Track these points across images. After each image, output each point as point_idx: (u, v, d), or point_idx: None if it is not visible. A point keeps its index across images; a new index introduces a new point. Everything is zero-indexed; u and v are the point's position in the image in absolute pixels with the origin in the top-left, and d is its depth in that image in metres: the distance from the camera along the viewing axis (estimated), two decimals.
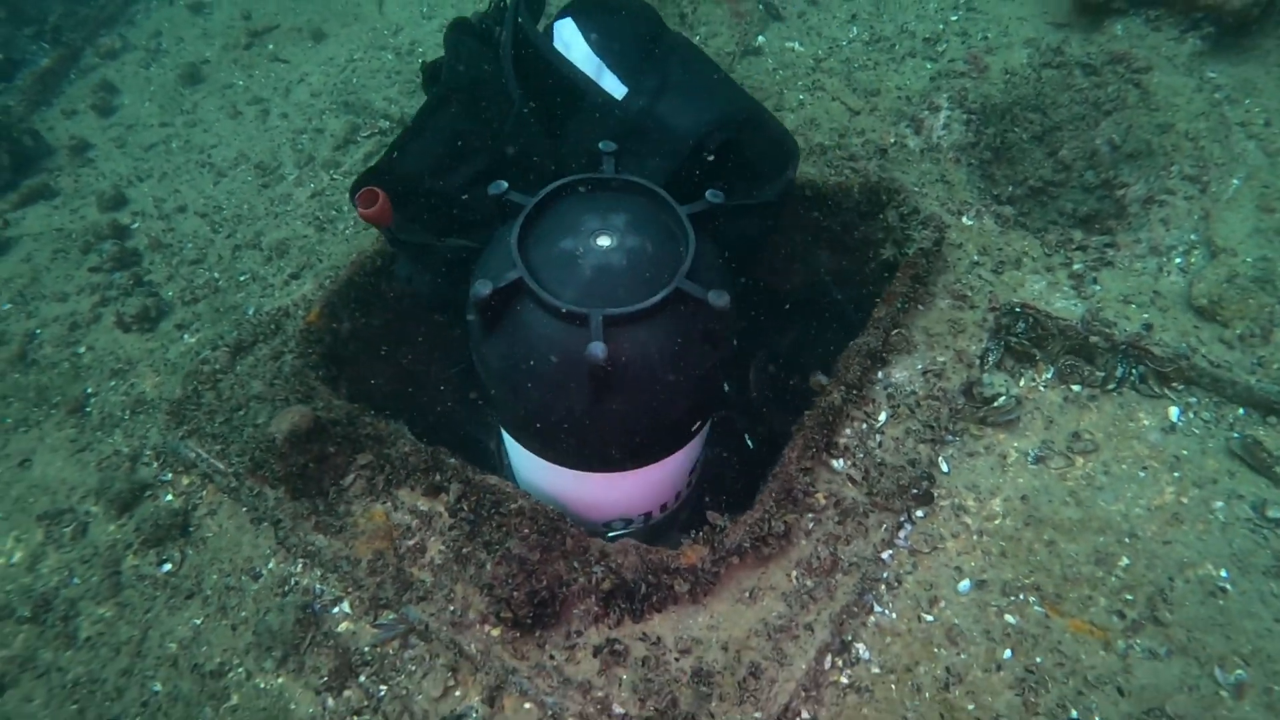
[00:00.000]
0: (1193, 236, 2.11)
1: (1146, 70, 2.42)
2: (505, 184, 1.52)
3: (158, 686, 1.69)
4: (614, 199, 1.51)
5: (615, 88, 1.79)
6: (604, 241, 1.44)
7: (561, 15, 1.89)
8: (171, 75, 3.59)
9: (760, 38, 2.92)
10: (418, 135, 1.80)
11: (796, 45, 2.87)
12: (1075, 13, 2.69)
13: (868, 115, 2.56)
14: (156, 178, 3.06)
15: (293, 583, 1.80)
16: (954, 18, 2.83)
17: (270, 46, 3.70)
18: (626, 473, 1.69)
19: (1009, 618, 1.61)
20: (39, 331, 2.49)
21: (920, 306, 2.00)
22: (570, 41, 1.82)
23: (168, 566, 1.88)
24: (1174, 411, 1.86)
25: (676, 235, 1.50)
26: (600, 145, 1.57)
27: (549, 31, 1.87)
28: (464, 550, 1.70)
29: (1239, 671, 1.51)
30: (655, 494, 1.86)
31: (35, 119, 3.42)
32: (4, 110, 3.32)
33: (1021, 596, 1.63)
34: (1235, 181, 2.20)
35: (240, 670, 1.69)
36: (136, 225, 2.85)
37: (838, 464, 1.75)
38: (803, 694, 1.51)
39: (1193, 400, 1.87)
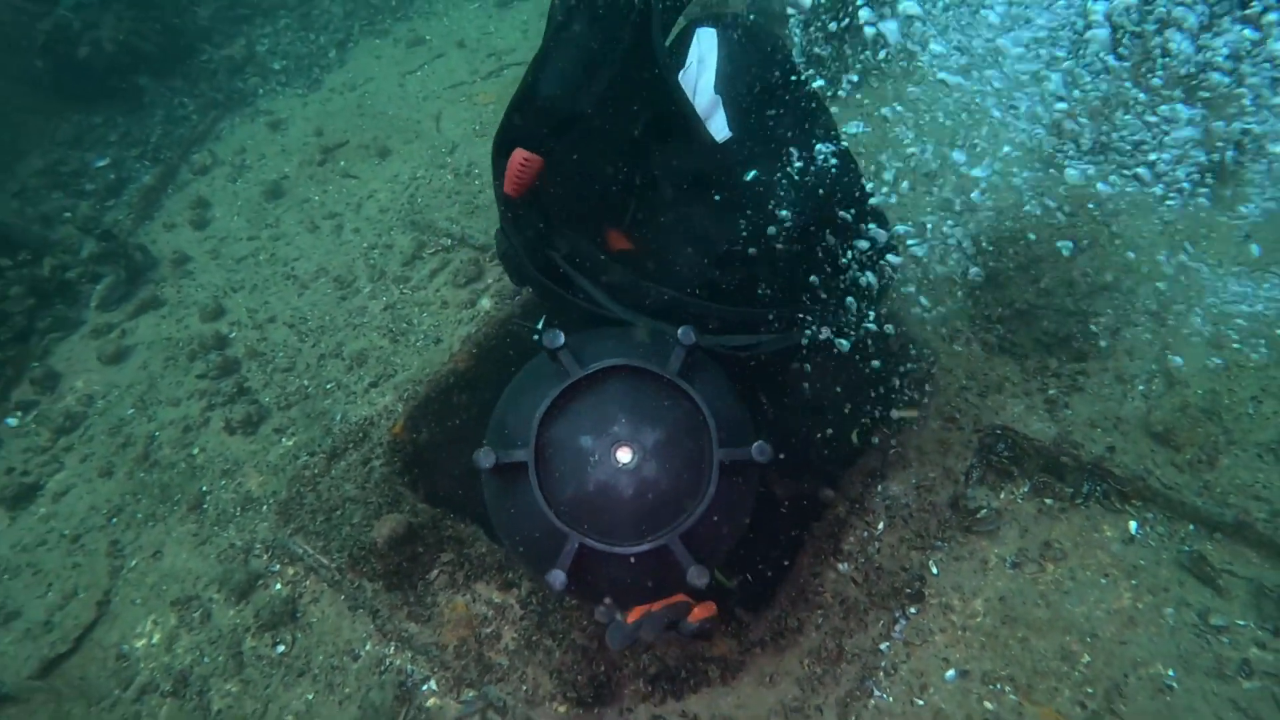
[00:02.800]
0: (1153, 367, 2.51)
1: (1115, 214, 2.86)
2: (562, 337, 1.49)
3: None
4: (661, 394, 1.48)
5: (720, 128, 1.72)
6: (623, 457, 1.40)
7: (705, 23, 1.84)
8: (256, 190, 4.17)
9: None
10: (547, 60, 1.68)
11: None
12: (1060, 156, 3.14)
13: None
14: (248, 289, 3.59)
15: (387, 663, 2.22)
16: (950, 154, 3.29)
17: (341, 163, 4.27)
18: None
19: (987, 704, 1.97)
20: (158, 434, 2.97)
21: (915, 427, 2.41)
22: (705, 56, 1.76)
23: (281, 648, 2.31)
24: (1133, 525, 2.23)
25: (703, 464, 1.44)
26: (679, 332, 1.49)
27: (685, 33, 1.81)
28: (534, 638, 2.11)
29: None
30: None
31: (141, 232, 4.00)
32: (116, 230, 3.89)
33: (998, 685, 2.00)
34: (1195, 319, 2.60)
35: None
36: (234, 335, 3.36)
37: (843, 567, 2.15)
38: None
39: (1149, 516, 2.25)
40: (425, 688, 2.16)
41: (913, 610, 2.13)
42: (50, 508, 2.76)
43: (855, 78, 3.70)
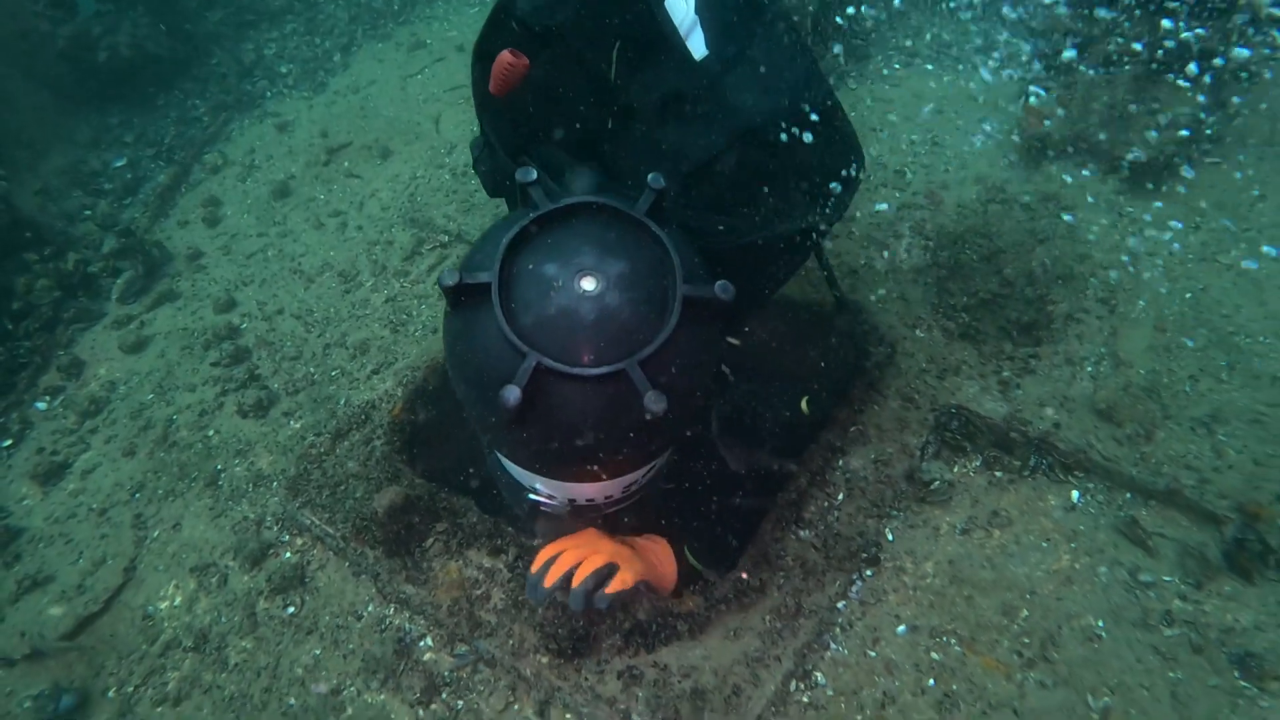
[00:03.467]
0: (1101, 350, 2.69)
1: (1072, 208, 3.04)
2: (535, 173, 1.46)
3: (292, 701, 2.31)
4: (628, 234, 1.46)
5: (698, 47, 1.72)
6: (586, 285, 1.38)
7: None
8: (265, 189, 4.39)
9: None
10: None
11: None
12: (1021, 152, 3.32)
13: (845, 239, 3.19)
14: (258, 283, 3.80)
15: (387, 622, 2.43)
16: (921, 153, 3.48)
17: (345, 163, 4.49)
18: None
19: (934, 654, 2.16)
20: (175, 417, 3.19)
21: (875, 406, 2.60)
22: None
23: (291, 610, 2.52)
24: (1075, 495, 2.42)
25: (666, 299, 1.43)
26: (650, 177, 1.46)
27: None
28: (520, 598, 2.31)
29: (1106, 699, 2.04)
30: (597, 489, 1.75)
31: (157, 229, 4.22)
32: (134, 227, 4.12)
33: (944, 639, 2.19)
34: (1141, 303, 2.78)
35: (352, 689, 2.30)
36: (245, 326, 3.57)
37: (803, 533, 2.34)
38: (772, 708, 2.07)
39: (1090, 486, 2.43)
40: (422, 643, 2.37)
41: (869, 573, 2.32)
42: (79, 484, 2.98)
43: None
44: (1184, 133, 2.97)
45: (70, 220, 4.13)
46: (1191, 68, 2.98)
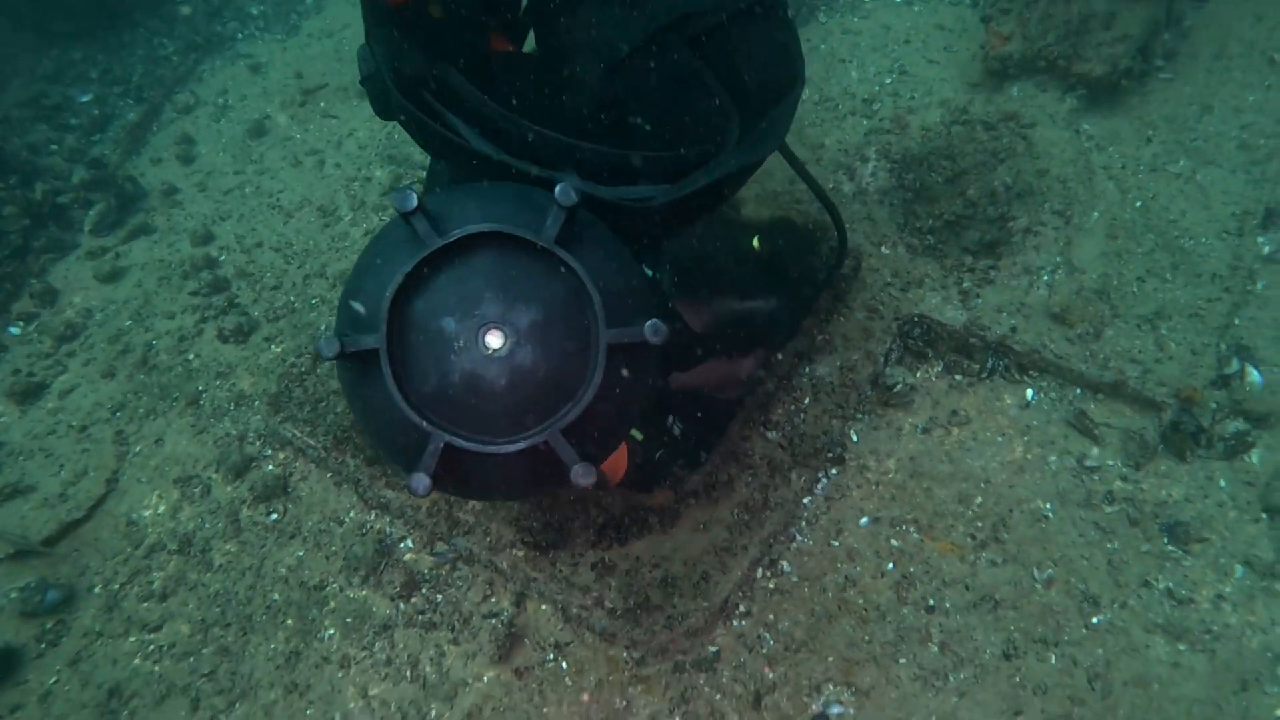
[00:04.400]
0: (1058, 259, 2.75)
1: (1032, 126, 3.08)
2: (414, 199, 1.21)
3: (275, 596, 2.35)
4: (536, 266, 1.24)
5: None
6: (492, 342, 1.20)
7: None
8: (240, 129, 4.31)
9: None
10: None
11: None
12: (984, 75, 3.35)
13: (814, 165, 3.22)
14: (236, 218, 3.76)
15: (368, 526, 2.47)
16: (888, 81, 3.50)
17: (322, 104, 4.42)
18: None
19: (894, 541, 2.25)
20: (154, 342, 3.18)
21: (841, 317, 2.65)
22: None
23: (274, 516, 2.55)
24: (1029, 393, 2.50)
25: (587, 348, 1.22)
26: (557, 191, 1.21)
27: None
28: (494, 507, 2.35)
29: (1050, 571, 2.14)
30: None
31: (129, 166, 4.15)
32: (105, 160, 4.04)
33: (904, 527, 2.27)
34: (1095, 214, 2.85)
35: (335, 585, 2.35)
36: (224, 258, 3.54)
37: (771, 435, 2.40)
38: (739, 592, 2.15)
39: (1044, 384, 2.51)
40: (403, 544, 2.41)
41: (834, 471, 2.39)
42: (57, 403, 2.98)
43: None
44: (1137, 46, 3.01)
45: (36, 152, 4.04)
46: None
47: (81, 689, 2.29)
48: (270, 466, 2.68)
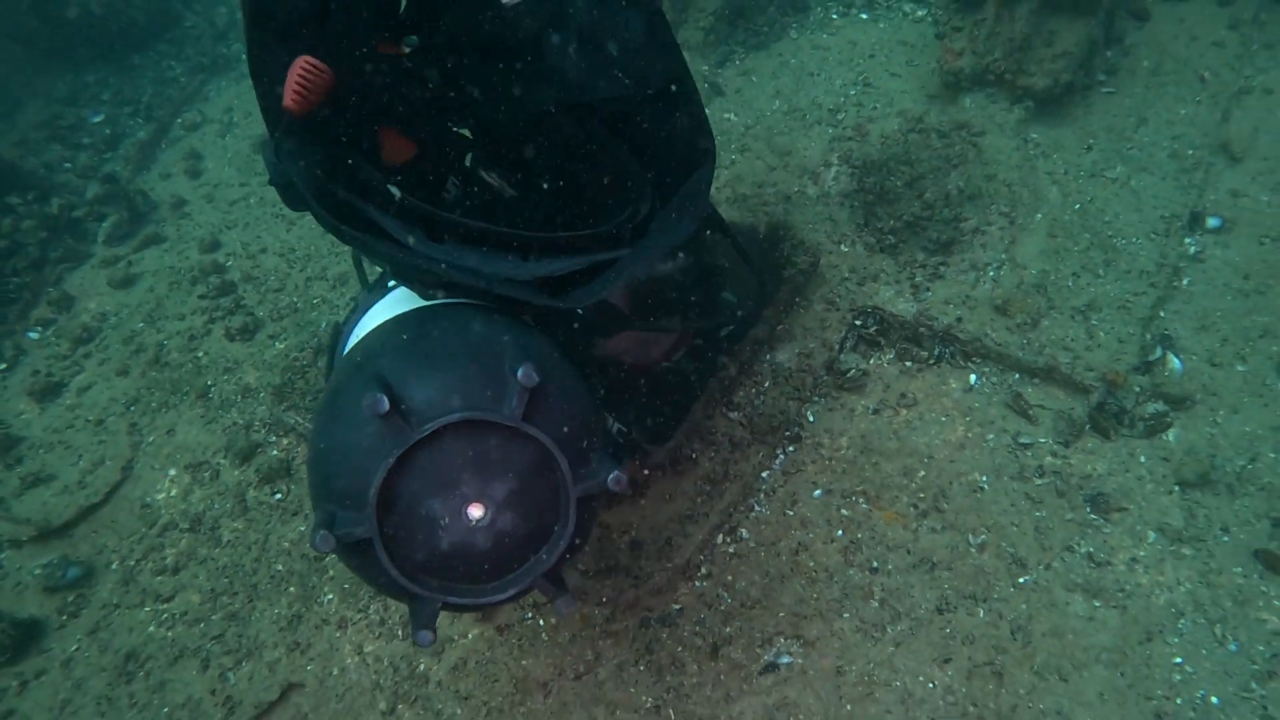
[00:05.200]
0: (1002, 256, 3.03)
1: (982, 134, 3.37)
2: (385, 403, 1.28)
3: (279, 567, 2.62)
4: (504, 440, 1.35)
5: None
6: (475, 514, 1.34)
7: None
8: (245, 144, 4.63)
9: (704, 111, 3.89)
10: None
11: (732, 116, 3.84)
12: (941, 88, 3.65)
13: (781, 170, 3.51)
14: (241, 226, 4.06)
15: None
16: (853, 93, 3.80)
17: None
18: None
19: (843, 511, 2.51)
20: (166, 342, 3.47)
21: (801, 310, 2.93)
22: None
23: (278, 495, 2.82)
24: (973, 378, 2.77)
25: (558, 500, 1.38)
26: (519, 373, 1.31)
27: None
28: None
29: (983, 537, 2.40)
30: None
31: (140, 181, 4.46)
32: (117, 176, 4.36)
33: (853, 498, 2.53)
34: (1038, 215, 3.13)
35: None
36: (230, 264, 3.84)
37: (733, 415, 2.67)
38: (700, 555, 2.41)
39: (986, 370, 2.78)
40: None
41: (791, 449, 2.66)
42: (75, 399, 3.26)
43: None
44: (1077, 61, 3.31)
45: (51, 170, 4.36)
46: None
47: (100, 655, 2.55)
48: (274, 451, 2.95)
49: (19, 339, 3.54)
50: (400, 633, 2.43)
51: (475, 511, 1.34)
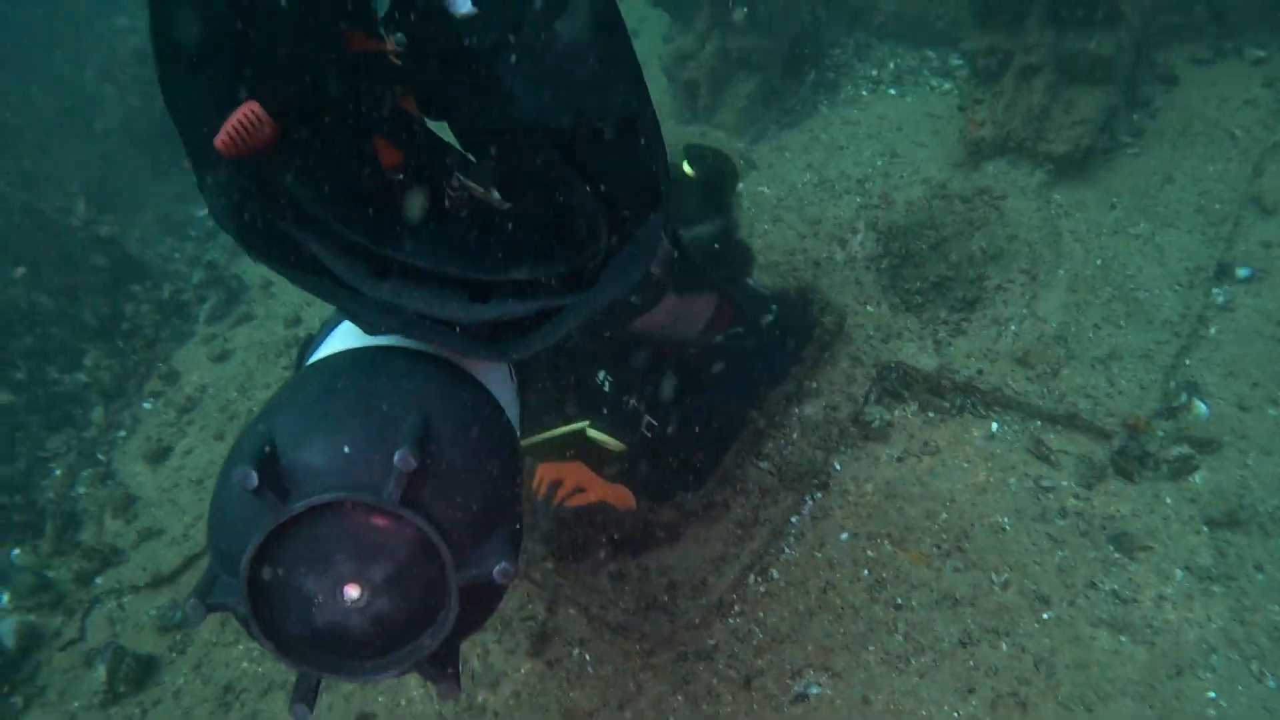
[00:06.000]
0: (1024, 311, 3.26)
1: (1003, 198, 3.65)
2: (255, 476, 1.23)
3: None
4: (385, 522, 1.30)
5: (463, 1, 1.39)
6: (351, 595, 1.29)
7: None
8: None
9: (740, 185, 4.29)
10: None
11: (765, 189, 4.23)
12: (965, 156, 3.95)
13: (811, 238, 3.84)
14: (319, 304, 4.59)
15: None
16: (880, 163, 4.14)
17: None
18: None
19: (869, 552, 2.72)
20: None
21: (828, 367, 3.20)
22: None
23: None
24: (994, 425, 2.97)
25: (444, 590, 1.30)
26: (396, 455, 1.23)
27: None
28: (527, 520, 2.95)
29: (1006, 575, 2.57)
30: None
31: (234, 266, 5.12)
32: (216, 263, 5.02)
33: (878, 540, 2.74)
34: (1060, 271, 3.35)
35: None
36: None
37: (762, 465, 2.94)
38: (733, 594, 2.66)
39: (1008, 418, 2.98)
40: None
41: (818, 495, 2.90)
42: (180, 462, 3.76)
43: None
44: (1096, 128, 3.57)
45: (165, 259, 5.05)
46: None
47: (204, 687, 2.93)
48: None
49: (136, 409, 4.10)
50: (460, 667, 2.73)
51: (351, 592, 1.28)
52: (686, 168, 2.65)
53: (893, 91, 4.64)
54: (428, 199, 1.54)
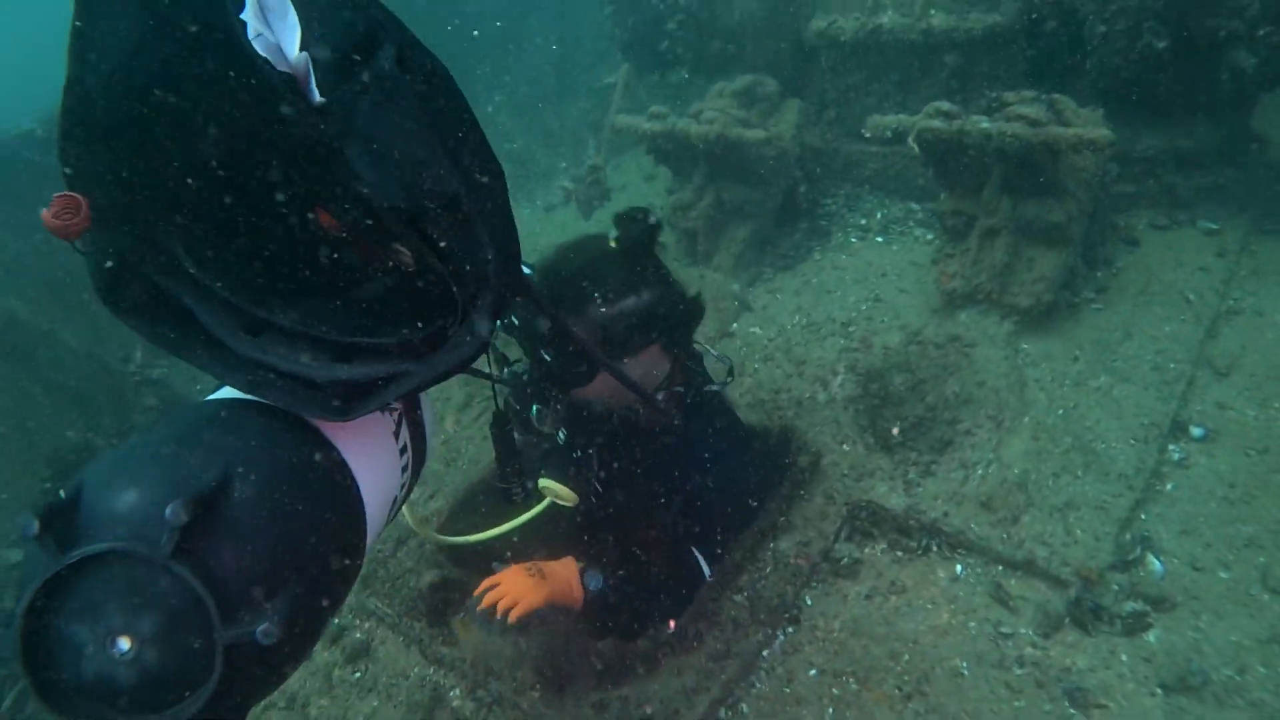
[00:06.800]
0: (990, 456, 3.55)
1: (973, 345, 4.01)
2: (35, 524, 1.30)
3: None
4: (157, 574, 1.32)
5: (312, 94, 1.41)
6: (120, 647, 1.31)
7: None
8: None
9: (734, 325, 4.72)
10: (83, 38, 1.39)
11: (758, 329, 4.65)
12: (942, 304, 4.34)
13: (796, 378, 4.22)
14: None
15: (428, 678, 3.37)
16: (865, 308, 4.55)
17: None
18: None
19: (835, 690, 2.94)
20: None
21: (803, 502, 3.50)
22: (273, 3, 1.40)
23: (358, 674, 3.50)
24: (958, 568, 3.22)
25: (213, 649, 1.32)
26: (168, 512, 1.28)
27: None
28: (522, 649, 3.23)
29: None
30: None
31: None
32: None
33: (844, 679, 2.97)
34: (1025, 419, 3.66)
35: None
36: None
37: (737, 598, 3.20)
38: None
39: (971, 561, 3.23)
40: (452, 692, 3.28)
41: (790, 629, 3.15)
42: None
43: None
44: (1056, 285, 3.96)
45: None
46: None
47: None
48: (357, 634, 3.66)
49: None
50: None
51: (121, 643, 1.31)
52: (612, 241, 2.75)
53: (880, 240, 5.11)
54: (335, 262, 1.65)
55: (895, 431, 3.75)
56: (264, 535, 1.41)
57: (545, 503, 3.00)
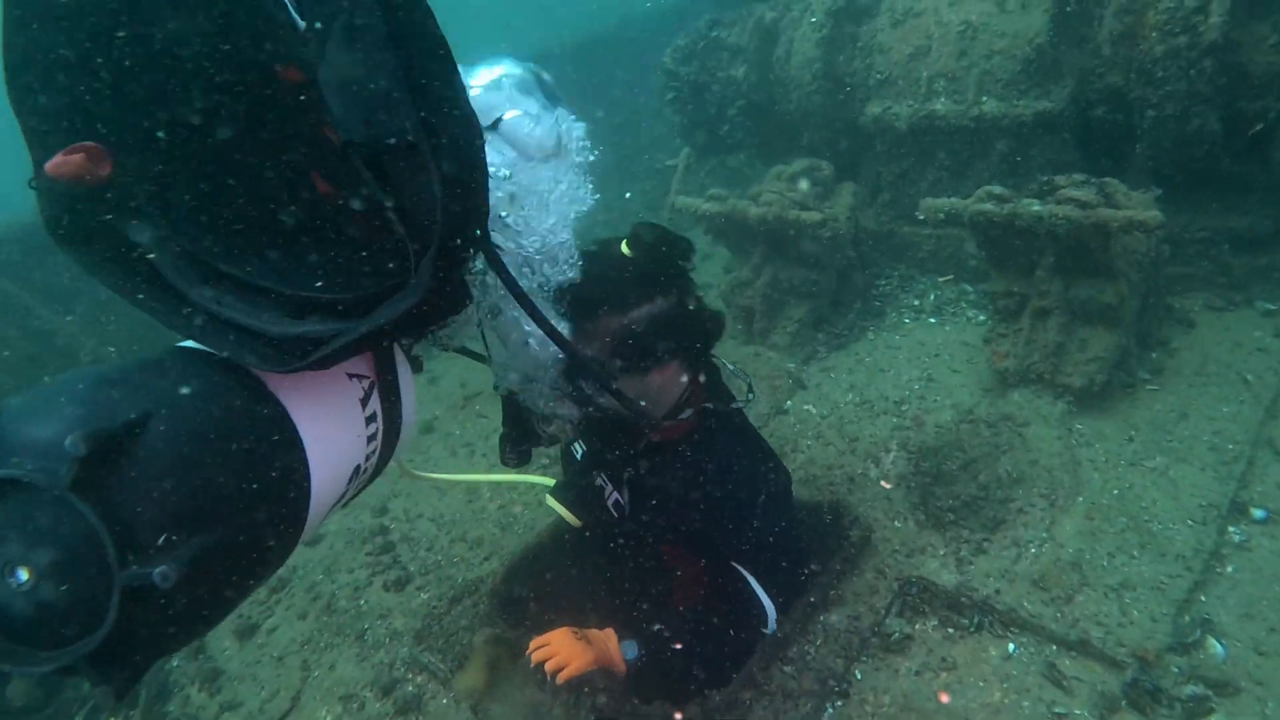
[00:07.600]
0: (1043, 535, 3.61)
1: (1026, 425, 4.11)
2: None
3: None
4: (61, 511, 1.31)
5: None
6: (20, 575, 1.31)
7: None
8: (416, 428, 6.10)
9: (789, 402, 4.90)
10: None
11: (811, 408, 4.81)
12: (995, 383, 4.47)
13: (849, 455, 4.35)
14: (405, 496, 5.33)
15: None
16: (917, 387, 4.69)
17: (477, 407, 6.18)
18: None
19: None
20: (337, 591, 4.58)
21: (854, 577, 3.60)
22: None
23: None
24: (1010, 647, 3.25)
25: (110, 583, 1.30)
26: (67, 440, 1.26)
27: None
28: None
29: None
30: None
31: None
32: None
33: None
34: (1079, 499, 3.72)
35: None
36: (393, 526, 5.04)
37: (786, 669, 3.29)
38: None
39: (1024, 640, 3.27)
40: None
41: (839, 703, 3.21)
42: (265, 639, 4.35)
43: None
44: (1109, 365, 4.06)
45: None
46: None
47: None
48: (410, 687, 3.83)
49: None
50: None
51: (20, 574, 1.30)
52: (625, 249, 2.70)
53: (933, 320, 5.28)
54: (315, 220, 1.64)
55: (948, 513, 3.84)
56: (175, 478, 1.37)
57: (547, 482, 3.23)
